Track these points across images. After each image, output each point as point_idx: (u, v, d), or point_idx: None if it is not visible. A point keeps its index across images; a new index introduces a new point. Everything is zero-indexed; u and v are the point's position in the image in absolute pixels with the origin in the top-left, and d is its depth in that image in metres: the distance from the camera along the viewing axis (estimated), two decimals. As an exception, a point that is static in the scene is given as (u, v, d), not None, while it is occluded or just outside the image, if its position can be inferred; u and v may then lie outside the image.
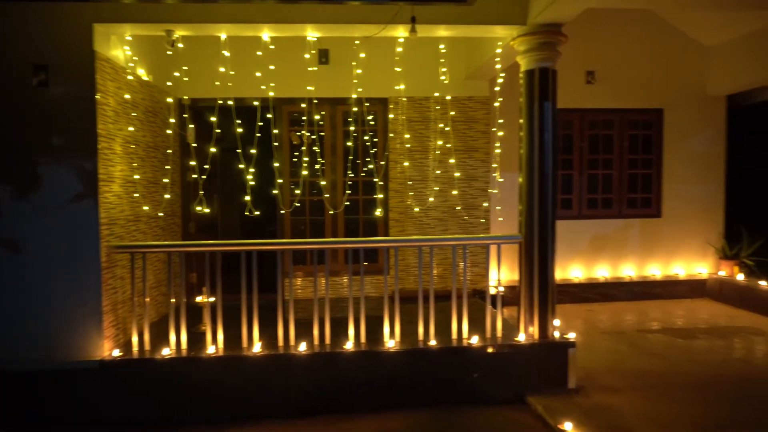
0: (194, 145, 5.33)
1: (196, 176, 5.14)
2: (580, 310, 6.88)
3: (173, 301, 4.41)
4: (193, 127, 5.57)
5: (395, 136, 6.60)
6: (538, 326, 4.50)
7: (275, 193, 5.67)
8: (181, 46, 4.64)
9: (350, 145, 6.04)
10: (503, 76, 5.38)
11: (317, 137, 6.34)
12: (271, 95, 5.09)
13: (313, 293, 4.52)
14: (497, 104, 5.51)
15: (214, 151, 5.01)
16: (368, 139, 6.23)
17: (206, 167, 5.17)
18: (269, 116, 5.14)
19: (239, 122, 4.98)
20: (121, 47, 4.60)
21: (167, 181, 5.45)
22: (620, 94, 7.39)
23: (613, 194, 7.57)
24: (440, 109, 6.54)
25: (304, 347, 4.29)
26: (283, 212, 6.43)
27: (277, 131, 5.80)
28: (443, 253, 6.65)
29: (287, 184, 6.58)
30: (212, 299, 4.47)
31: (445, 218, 6.78)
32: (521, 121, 4.56)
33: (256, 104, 5.13)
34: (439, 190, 6.67)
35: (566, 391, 4.33)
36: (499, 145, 5.62)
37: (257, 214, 5.12)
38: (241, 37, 4.71)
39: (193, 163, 5.19)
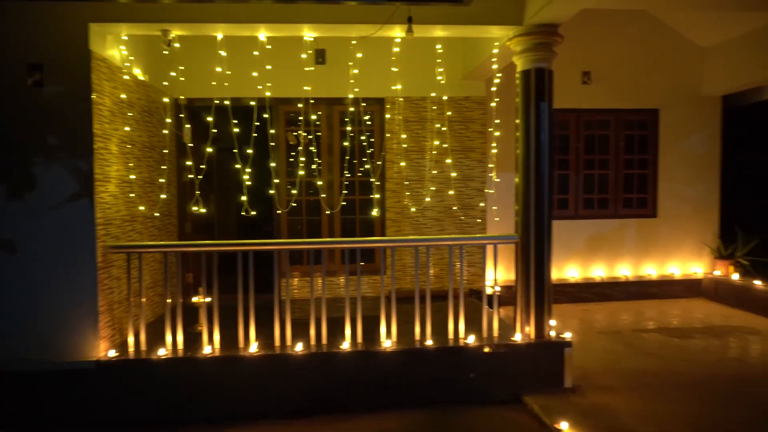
0: (190, 145, 5.32)
1: (192, 176, 5.13)
2: (576, 309, 6.90)
3: (169, 301, 4.40)
4: (189, 127, 5.56)
5: (392, 136, 6.61)
6: (534, 326, 4.51)
7: (272, 193, 5.67)
8: (177, 45, 4.63)
9: (347, 145, 6.03)
10: (500, 76, 5.39)
11: (314, 137, 6.35)
12: (267, 95, 5.09)
13: (309, 293, 4.52)
14: (494, 104, 5.52)
15: (210, 151, 5.00)
16: (365, 139, 6.23)
17: (203, 167, 5.16)
18: (266, 116, 5.14)
19: (236, 122, 4.98)
20: (117, 47, 4.59)
21: (163, 181, 5.44)
22: (616, 94, 7.41)
23: (609, 194, 7.59)
24: (437, 109, 6.54)
25: (300, 347, 4.29)
26: (279, 212, 6.42)
27: (273, 131, 5.80)
28: (440, 253, 6.66)
29: (284, 184, 6.58)
30: (209, 299, 4.47)
31: (441, 218, 6.79)
32: (518, 121, 4.57)
33: (252, 104, 5.13)
34: (435, 190, 6.68)
35: (562, 390, 4.34)
36: (495, 145, 5.62)
37: (254, 214, 5.11)
38: (237, 36, 4.70)
39: (189, 163, 5.18)
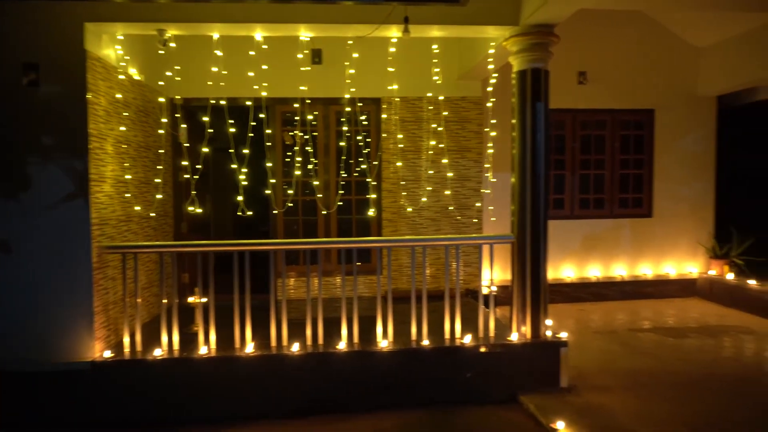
0: (186, 144, 5.31)
1: (188, 176, 5.12)
2: (572, 309, 6.91)
3: (165, 301, 4.39)
4: (185, 126, 5.54)
5: (388, 136, 6.61)
6: (530, 326, 4.52)
7: (268, 193, 5.66)
8: (173, 45, 4.62)
9: (343, 145, 6.04)
10: (496, 76, 5.40)
11: (310, 137, 6.33)
12: (263, 95, 5.08)
13: (306, 293, 4.52)
14: (490, 104, 5.53)
15: (206, 151, 4.99)
16: (361, 139, 6.23)
17: (198, 167, 5.14)
18: (262, 116, 5.13)
19: (232, 122, 4.97)
20: (112, 46, 4.57)
21: (159, 181, 5.43)
22: (612, 94, 7.43)
23: (604, 194, 7.61)
24: (433, 109, 6.55)
25: (297, 348, 4.29)
26: (275, 212, 6.41)
27: (269, 131, 5.79)
28: (436, 253, 6.66)
29: (280, 184, 6.57)
30: (204, 300, 4.46)
31: (437, 218, 6.80)
32: (514, 121, 4.58)
33: (248, 104, 5.12)
34: (431, 190, 6.68)
35: (558, 390, 4.35)
36: (491, 145, 5.63)
37: (250, 214, 5.10)
38: (233, 36, 4.69)
39: (185, 163, 5.16)
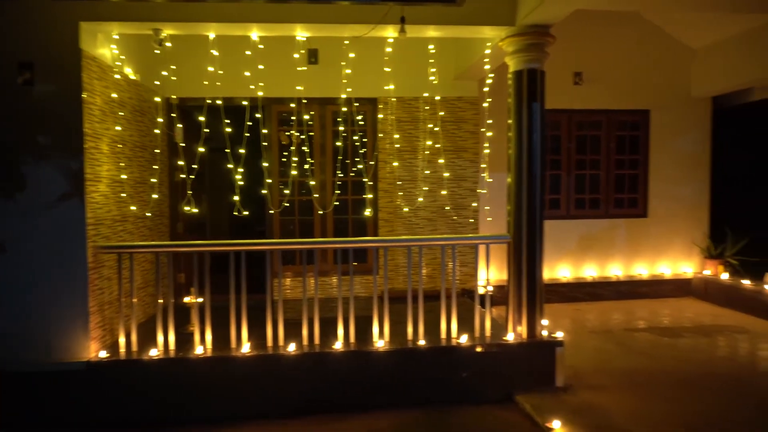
0: (182, 144, 5.30)
1: (184, 176, 5.11)
2: (568, 309, 6.93)
3: (161, 301, 4.38)
4: (181, 126, 5.53)
5: (384, 136, 6.61)
6: (526, 325, 4.52)
7: (264, 193, 5.65)
8: (169, 45, 4.61)
9: (339, 145, 6.03)
10: (492, 76, 5.41)
11: (306, 137, 6.34)
12: (260, 95, 5.07)
13: (302, 293, 4.51)
14: (486, 105, 5.54)
15: (202, 150, 4.98)
16: (357, 139, 6.23)
17: (194, 167, 5.14)
18: (258, 116, 5.12)
19: (228, 122, 4.96)
20: (108, 46, 4.56)
21: (155, 180, 5.41)
22: (607, 95, 7.46)
23: (600, 194, 7.64)
24: (429, 109, 6.55)
25: (293, 347, 4.28)
26: (272, 212, 6.40)
27: (266, 131, 5.78)
28: (432, 252, 6.67)
29: (276, 184, 6.56)
30: (200, 300, 4.45)
31: (434, 218, 6.80)
32: (510, 121, 4.59)
33: (245, 104, 5.11)
34: (428, 190, 6.69)
35: (554, 389, 4.36)
36: (488, 145, 5.64)
37: (246, 214, 5.10)
38: (229, 36, 4.68)
39: (181, 162, 5.15)
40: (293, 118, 5.98)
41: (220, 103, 4.92)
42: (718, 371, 4.69)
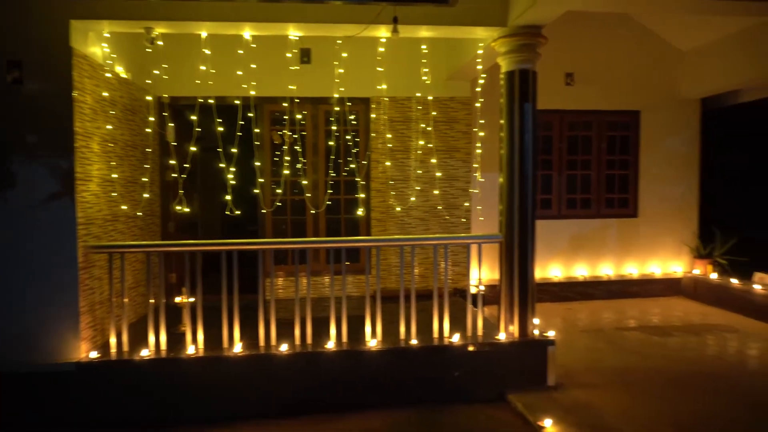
0: (174, 143, 5.27)
1: (175, 175, 5.08)
2: (559, 308, 6.97)
3: (152, 301, 4.35)
4: (172, 125, 5.50)
5: (377, 135, 6.61)
6: (518, 325, 4.55)
7: (256, 192, 5.63)
8: (160, 43, 4.58)
9: (332, 144, 6.02)
10: (484, 77, 5.43)
11: (299, 136, 6.31)
12: (252, 94, 5.06)
13: (294, 293, 4.51)
14: (478, 105, 5.56)
15: (194, 149, 4.95)
16: (350, 138, 6.23)
17: (186, 166, 5.11)
18: (250, 115, 5.11)
19: (220, 121, 4.94)
20: (98, 44, 4.53)
21: (146, 180, 5.38)
22: (599, 96, 7.51)
23: (591, 194, 7.68)
24: (422, 109, 6.56)
25: (285, 347, 4.28)
26: (264, 212, 6.39)
27: (258, 130, 5.77)
28: (424, 252, 6.68)
29: (268, 183, 6.54)
30: (192, 299, 4.43)
31: (426, 218, 6.81)
32: (502, 121, 4.60)
33: (237, 103, 5.09)
34: (420, 189, 6.70)
35: (546, 388, 4.38)
36: (480, 145, 5.66)
37: (238, 213, 5.08)
38: (222, 35, 4.67)
39: (172, 162, 5.12)
40: (286, 117, 5.97)
41: (212, 102, 4.90)
42: (707, 370, 4.73)
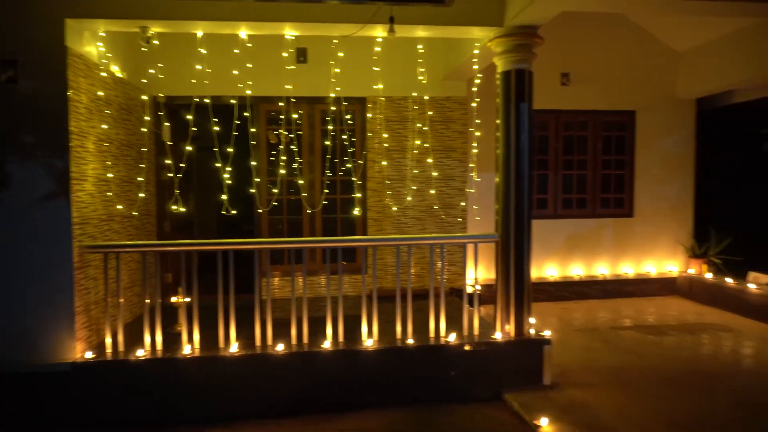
0: (170, 143, 5.26)
1: (171, 175, 5.07)
2: (555, 308, 6.99)
3: (148, 301, 4.34)
4: (168, 125, 5.49)
5: (373, 135, 6.61)
6: (514, 324, 4.55)
7: (252, 192, 5.63)
8: (156, 43, 4.56)
9: (328, 144, 6.02)
10: (480, 77, 5.43)
11: (295, 136, 6.32)
12: (248, 93, 5.05)
13: (290, 293, 4.51)
14: (474, 105, 5.56)
15: (190, 149, 4.95)
16: (346, 138, 6.23)
17: (182, 166, 5.10)
18: (246, 114, 5.10)
19: (216, 120, 4.93)
20: (94, 43, 4.51)
21: (142, 179, 5.37)
22: (594, 96, 7.52)
23: (587, 194, 7.70)
24: (418, 108, 6.57)
25: (282, 347, 4.27)
26: (260, 211, 6.38)
27: (254, 130, 5.75)
28: (421, 252, 6.68)
29: (264, 183, 6.53)
30: (188, 299, 4.42)
31: (422, 217, 6.82)
32: (498, 121, 4.61)
33: (233, 102, 5.09)
34: (416, 189, 6.71)
35: (542, 387, 4.39)
36: (476, 145, 5.67)
37: (234, 213, 5.07)
38: (218, 34, 4.65)
39: (168, 161, 5.12)
40: (282, 117, 5.96)
41: (208, 101, 4.89)
42: (703, 369, 4.75)
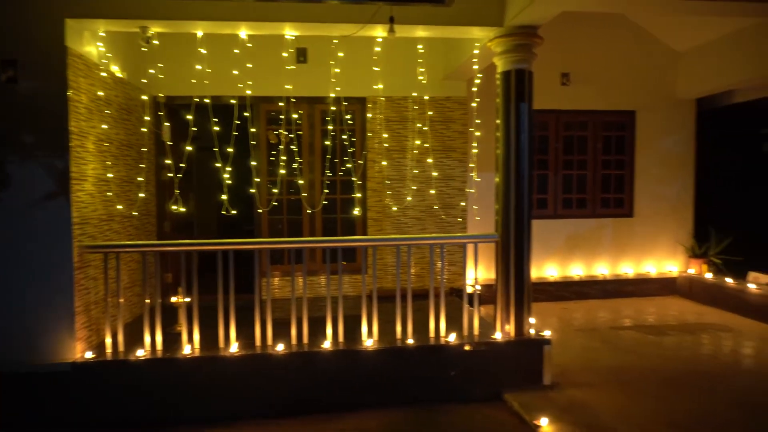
0: (170, 143, 5.26)
1: (171, 175, 5.07)
2: (555, 308, 6.99)
3: (148, 301, 4.34)
4: (168, 125, 5.49)
5: (373, 135, 6.61)
6: (514, 324, 4.55)
7: (252, 192, 5.63)
8: (156, 42, 4.56)
9: (328, 144, 6.02)
10: (480, 77, 5.43)
11: (295, 136, 6.32)
12: (248, 93, 5.05)
13: (290, 293, 4.51)
14: (474, 105, 5.56)
15: (190, 149, 4.94)
16: (346, 138, 6.23)
17: (182, 166, 5.10)
18: (246, 114, 5.10)
19: (216, 120, 4.93)
20: (94, 43, 4.51)
21: (142, 179, 5.37)
22: (594, 96, 7.52)
23: (587, 194, 7.70)
24: (418, 108, 6.57)
25: (282, 347, 4.27)
26: (260, 211, 6.38)
27: (254, 130, 5.75)
28: (421, 252, 6.68)
29: (264, 183, 6.53)
30: (188, 299, 4.42)
31: (422, 217, 6.82)
32: (498, 121, 4.61)
33: (233, 102, 5.09)
34: (416, 189, 6.71)
35: (542, 387, 4.39)
36: (476, 145, 5.67)
37: (234, 213, 5.07)
38: (218, 34, 4.65)
39: (168, 161, 5.12)
40: (282, 117, 5.96)
41: (208, 101, 4.89)
42: (702, 369, 4.75)
